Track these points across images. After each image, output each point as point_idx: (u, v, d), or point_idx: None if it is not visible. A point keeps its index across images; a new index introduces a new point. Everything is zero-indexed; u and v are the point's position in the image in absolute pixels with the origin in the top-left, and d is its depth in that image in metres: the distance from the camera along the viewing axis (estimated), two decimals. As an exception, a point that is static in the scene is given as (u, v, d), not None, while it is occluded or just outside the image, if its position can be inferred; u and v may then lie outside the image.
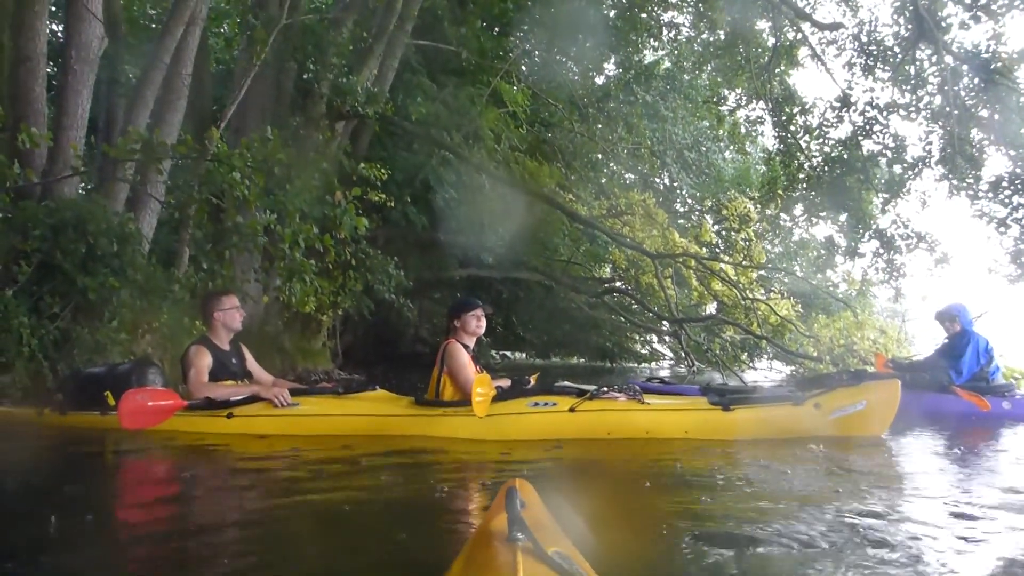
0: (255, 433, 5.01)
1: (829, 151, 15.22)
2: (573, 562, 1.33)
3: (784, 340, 14.21)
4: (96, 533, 2.59)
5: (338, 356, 14.68)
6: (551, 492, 2.02)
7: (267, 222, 6.63)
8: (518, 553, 1.21)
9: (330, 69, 11.69)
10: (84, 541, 2.48)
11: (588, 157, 18.98)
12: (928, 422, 6.33)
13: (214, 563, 2.25)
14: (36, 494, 3.32)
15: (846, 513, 2.86)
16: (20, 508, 3.00)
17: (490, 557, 1.30)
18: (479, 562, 1.34)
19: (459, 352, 5.28)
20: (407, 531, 2.62)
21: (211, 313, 5.57)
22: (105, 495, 3.50)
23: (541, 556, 1.22)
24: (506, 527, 1.33)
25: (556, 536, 1.50)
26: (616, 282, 20.66)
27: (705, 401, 5.19)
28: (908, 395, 5.47)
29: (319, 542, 2.59)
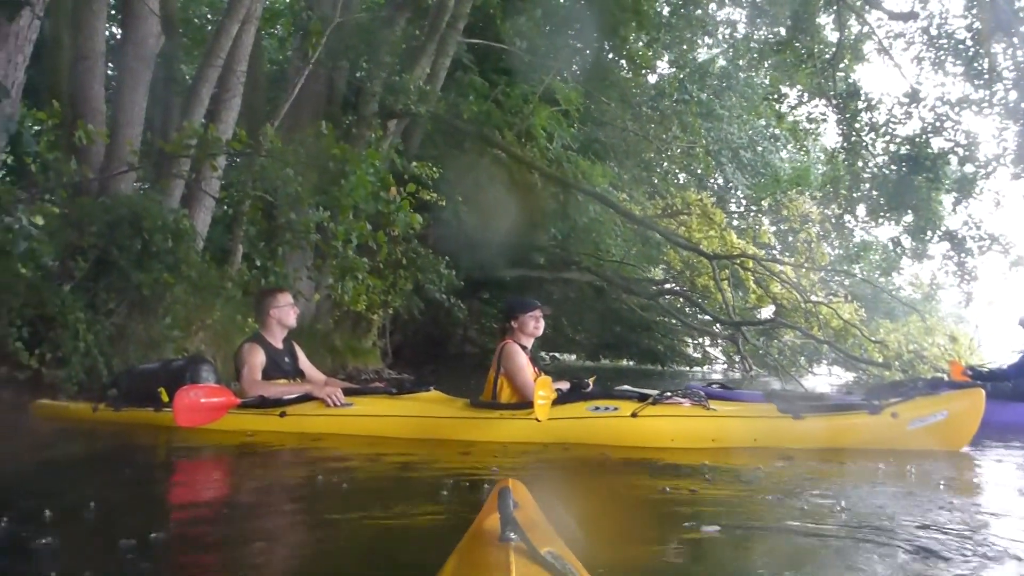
0: (307, 432, 4.91)
1: (896, 149, 14.67)
2: (566, 562, 1.32)
3: (847, 345, 13.78)
4: (145, 532, 2.49)
5: (388, 355, 14.66)
6: (544, 492, 2.00)
7: (320, 219, 6.56)
8: (511, 553, 1.21)
9: (382, 68, 11.66)
10: (131, 539, 2.39)
11: (641, 156, 18.68)
12: (1012, 435, 5.95)
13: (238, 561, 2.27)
14: (87, 490, 3.24)
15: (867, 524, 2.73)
16: (69, 503, 2.92)
17: (483, 557, 1.31)
18: (472, 562, 1.36)
19: (517, 353, 5.11)
20: (399, 530, 2.62)
21: (266, 310, 5.50)
22: (156, 493, 3.45)
23: (534, 556, 1.22)
24: (499, 527, 1.32)
25: (549, 536, 1.50)
26: (669, 283, 20.33)
27: (774, 408, 4.94)
28: (990, 405, 5.15)
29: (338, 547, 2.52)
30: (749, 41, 19.19)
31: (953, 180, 14.44)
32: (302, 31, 10.58)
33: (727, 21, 18.83)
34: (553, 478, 3.78)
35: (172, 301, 6.65)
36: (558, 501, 2.35)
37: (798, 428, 4.72)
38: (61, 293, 6.36)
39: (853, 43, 15.41)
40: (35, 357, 6.16)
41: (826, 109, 16.54)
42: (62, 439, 5.06)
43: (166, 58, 8.63)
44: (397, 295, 12.05)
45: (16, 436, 5.36)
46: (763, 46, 18.06)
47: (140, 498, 3.25)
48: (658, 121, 17.82)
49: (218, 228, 10.58)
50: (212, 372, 5.54)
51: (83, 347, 6.34)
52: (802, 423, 4.73)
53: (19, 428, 5.59)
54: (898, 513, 2.93)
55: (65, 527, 2.52)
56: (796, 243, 19.91)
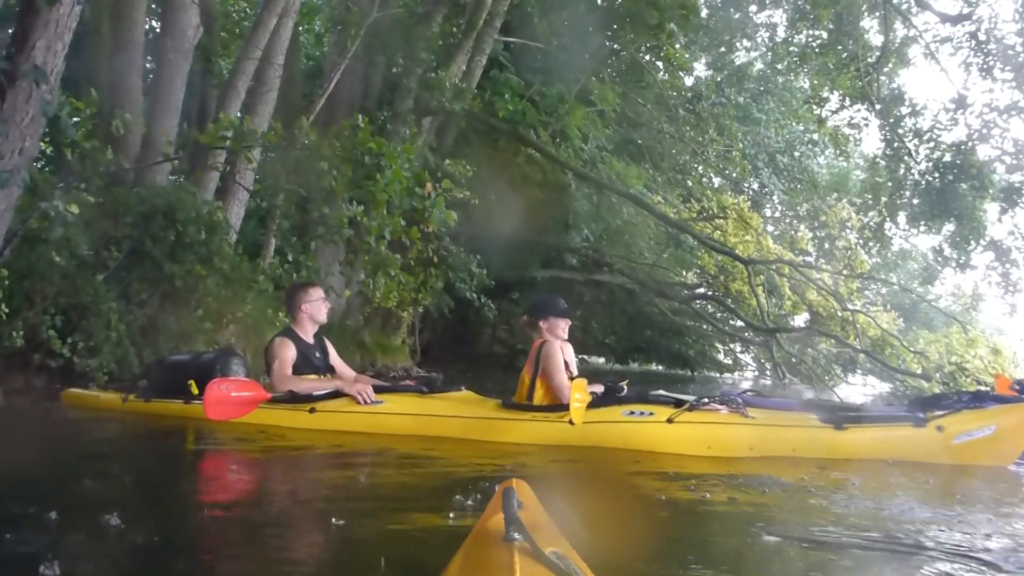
0: (336, 429, 4.84)
1: (940, 155, 14.32)
2: (570, 562, 1.31)
3: (884, 355, 13.45)
4: (167, 525, 2.55)
5: (416, 353, 14.60)
6: (548, 493, 1.96)
7: (353, 214, 6.50)
8: (515, 553, 1.20)
9: (418, 64, 11.60)
10: (154, 532, 2.43)
11: (676, 159, 18.47)
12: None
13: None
14: (113, 481, 3.28)
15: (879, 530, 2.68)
16: (95, 493, 2.94)
17: (487, 557, 1.31)
18: (476, 562, 1.35)
19: (556, 353, 5.00)
20: (403, 530, 2.62)
21: (298, 305, 5.44)
22: (181, 486, 3.42)
23: (538, 556, 1.21)
24: (503, 527, 1.31)
25: (553, 536, 1.49)
26: (701, 288, 20.05)
27: (814, 418, 4.77)
28: None
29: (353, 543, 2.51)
30: (789, 45, 18.88)
31: (999, 188, 14.06)
32: (340, 26, 10.55)
33: (767, 24, 18.52)
34: (571, 479, 3.76)
35: (204, 293, 6.62)
36: (564, 501, 2.35)
37: (839, 439, 4.56)
38: (95, 282, 6.37)
39: (898, 47, 15.07)
40: (67, 346, 6.17)
41: (868, 114, 16.20)
42: (90, 429, 5.05)
43: (203, 51, 8.62)
44: (427, 293, 11.98)
45: (45, 425, 5.38)
46: (804, 50, 17.74)
47: (164, 491, 3.22)
48: (694, 124, 17.59)
49: (251, 221, 10.59)
50: (242, 365, 5.51)
51: (115, 337, 6.34)
52: (844, 434, 4.56)
53: (48, 417, 5.62)
54: (937, 529, 2.83)
55: (84, 519, 2.50)
56: (833, 250, 19.53)
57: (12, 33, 4.36)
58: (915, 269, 21.59)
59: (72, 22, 4.39)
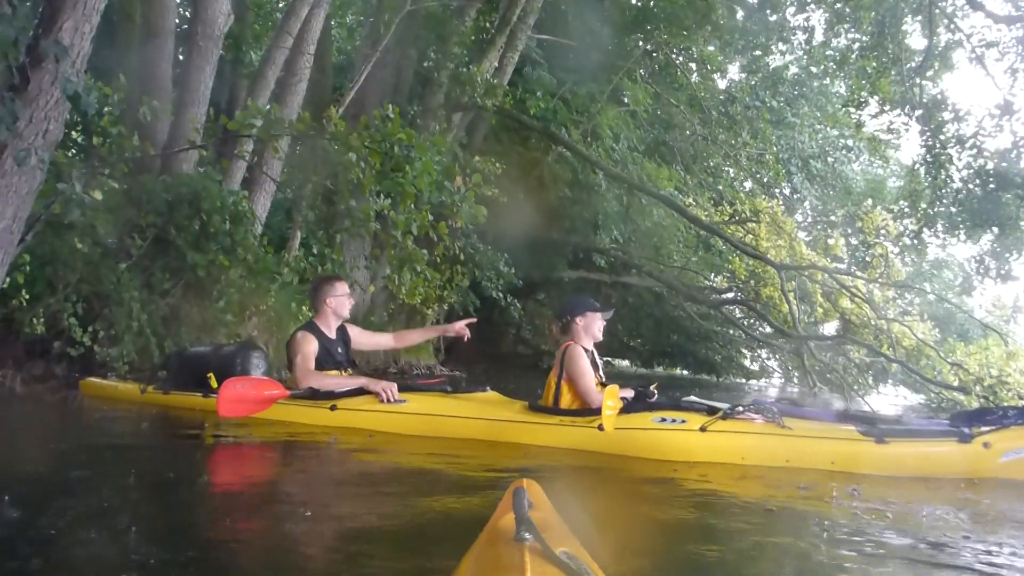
0: (358, 428, 4.72)
1: (983, 163, 13.92)
2: (581, 562, 1.31)
3: (920, 366, 13.11)
4: (180, 521, 2.54)
5: (440, 352, 14.49)
6: (559, 492, 1.97)
7: (381, 207, 6.35)
8: (526, 553, 1.21)
9: (451, 58, 11.47)
10: (165, 525, 2.44)
11: (708, 162, 18.21)
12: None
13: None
14: (126, 474, 3.17)
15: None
16: (106, 485, 2.89)
17: (498, 557, 1.31)
18: (487, 562, 1.35)
19: (581, 356, 4.84)
20: (414, 530, 2.61)
21: (323, 299, 5.31)
22: (196, 480, 3.33)
23: (549, 556, 1.22)
24: (514, 527, 1.31)
25: (564, 536, 1.49)
26: (730, 293, 19.75)
27: (853, 430, 4.55)
28: None
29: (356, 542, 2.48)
30: (826, 48, 18.51)
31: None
32: (372, 18, 10.45)
33: (804, 27, 18.11)
34: (587, 481, 3.72)
35: (227, 285, 6.50)
36: (576, 502, 2.33)
37: (880, 453, 4.34)
38: (117, 271, 6.29)
39: (943, 50, 14.65)
40: (88, 334, 6.10)
41: (908, 119, 15.75)
42: (106, 420, 4.98)
43: (235, 39, 8.54)
44: (453, 290, 11.86)
45: (62, 415, 5.32)
46: (842, 54, 17.36)
47: (177, 485, 3.17)
48: (728, 126, 17.32)
49: (279, 213, 10.52)
50: (263, 359, 5.40)
51: (136, 326, 6.26)
52: (885, 447, 4.34)
53: (66, 406, 5.57)
54: (978, 552, 2.66)
55: (94, 512, 2.46)
56: (867, 257, 19.12)
57: (40, 12, 4.24)
58: (950, 279, 21.11)
59: (100, 3, 4.27)
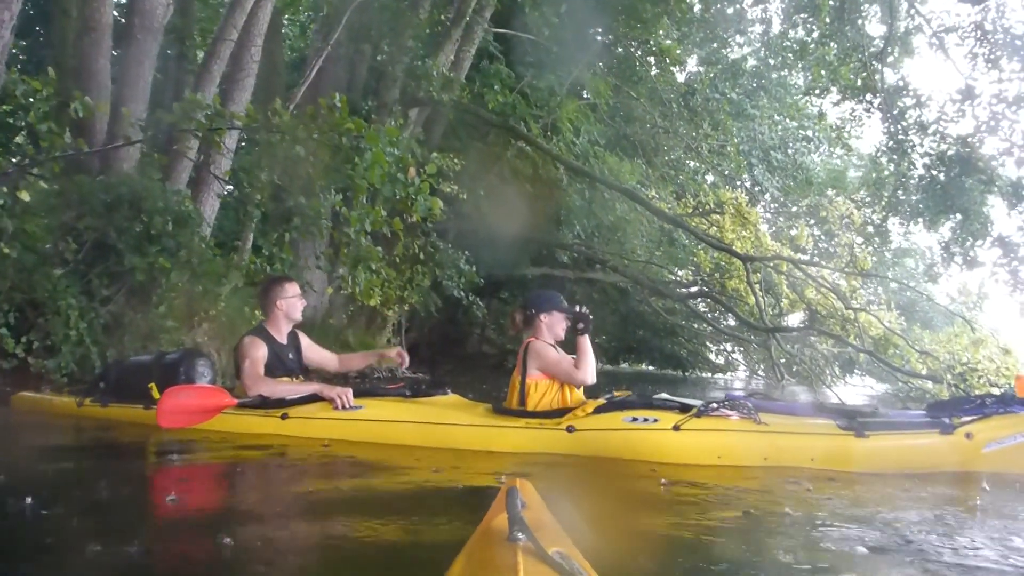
0: (312, 437, 4.45)
1: (946, 149, 13.90)
2: (574, 562, 1.32)
3: (887, 355, 13.07)
4: (118, 542, 2.28)
5: (403, 353, 14.13)
6: (552, 492, 1.98)
7: (332, 203, 6.03)
8: (519, 553, 1.21)
9: (405, 52, 11.14)
10: (102, 551, 2.19)
11: (669, 155, 18.10)
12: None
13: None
14: (58, 495, 2.92)
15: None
16: (32, 512, 2.61)
17: (491, 557, 1.31)
18: (480, 562, 1.35)
19: (546, 348, 4.62)
20: (407, 530, 2.59)
21: (272, 301, 5.01)
22: (137, 501, 3.10)
23: (542, 556, 1.23)
24: (507, 527, 1.32)
25: (557, 536, 1.49)
26: (696, 286, 19.68)
27: (832, 424, 4.38)
28: None
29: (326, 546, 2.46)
30: (783, 39, 18.51)
31: (1008, 183, 13.63)
32: (323, 12, 10.12)
33: (762, 19, 18.09)
34: (575, 481, 3.66)
35: (169, 289, 6.15)
36: (567, 502, 2.36)
37: (862, 448, 4.19)
38: (53, 277, 5.93)
39: (903, 35, 14.63)
40: (22, 345, 5.75)
41: (870, 106, 15.72)
42: (41, 436, 4.62)
43: (178, 33, 8.15)
44: (414, 291, 11.57)
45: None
46: (801, 44, 17.34)
47: (114, 505, 2.92)
48: (688, 119, 17.22)
49: (230, 214, 10.13)
50: (209, 367, 5.08)
51: (74, 336, 5.95)
52: (866, 442, 4.19)
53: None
54: (961, 547, 2.60)
55: (24, 544, 2.29)
56: (831, 247, 19.19)
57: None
58: (913, 267, 21.28)
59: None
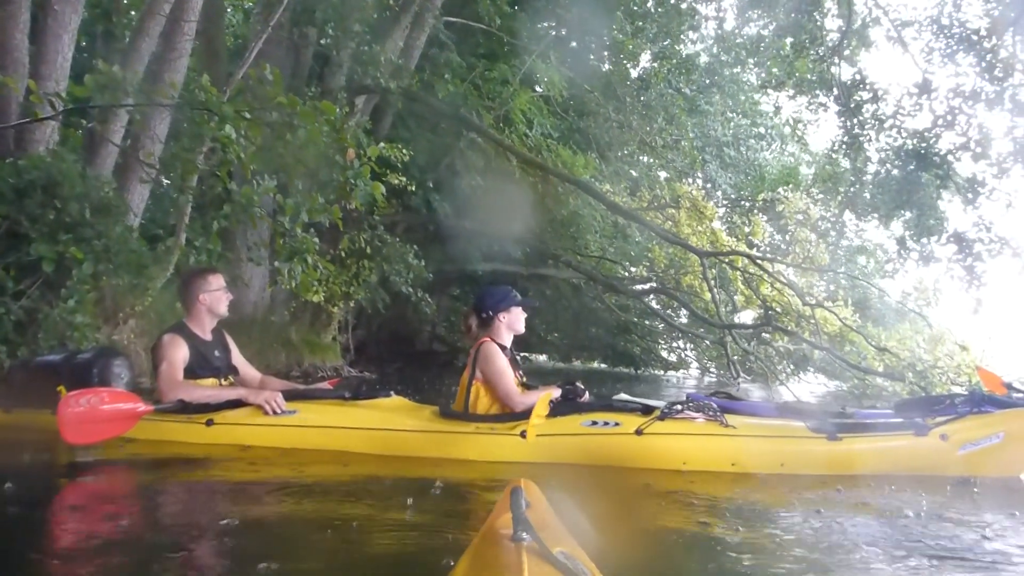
0: (240, 445, 4.09)
1: (902, 143, 13.87)
2: (578, 562, 1.32)
3: (844, 352, 13.01)
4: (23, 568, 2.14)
5: (349, 352, 13.78)
6: (556, 492, 1.95)
7: (267, 190, 5.57)
8: (523, 553, 1.21)
9: (351, 37, 10.66)
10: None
11: (623, 149, 17.92)
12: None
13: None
14: None
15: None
16: None
17: (495, 557, 1.31)
18: (484, 561, 1.35)
19: (497, 355, 4.28)
20: (412, 531, 2.58)
21: (194, 295, 4.55)
22: (40, 521, 2.77)
23: (546, 556, 1.22)
24: (511, 527, 1.31)
25: (561, 536, 1.50)
26: (650, 283, 19.52)
27: (803, 427, 4.15)
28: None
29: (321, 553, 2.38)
30: (737, 35, 18.46)
31: (964, 179, 13.66)
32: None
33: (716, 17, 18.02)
34: (558, 478, 3.57)
35: (79, 281, 5.62)
36: (571, 502, 2.30)
37: (833, 451, 4.03)
38: (-46, 270, 5.38)
39: (860, 28, 14.59)
40: (-81, 344, 5.19)
41: (827, 99, 15.67)
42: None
43: (104, 9, 7.58)
44: (360, 287, 11.13)
45: None
46: (754, 40, 17.28)
47: (17, 526, 2.65)
48: (643, 113, 17.05)
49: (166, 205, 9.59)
50: (126, 367, 4.61)
51: (-20, 334, 5.37)
52: (839, 445, 4.03)
53: None
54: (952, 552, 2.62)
55: None
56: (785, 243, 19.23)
57: None
58: (865, 264, 21.46)
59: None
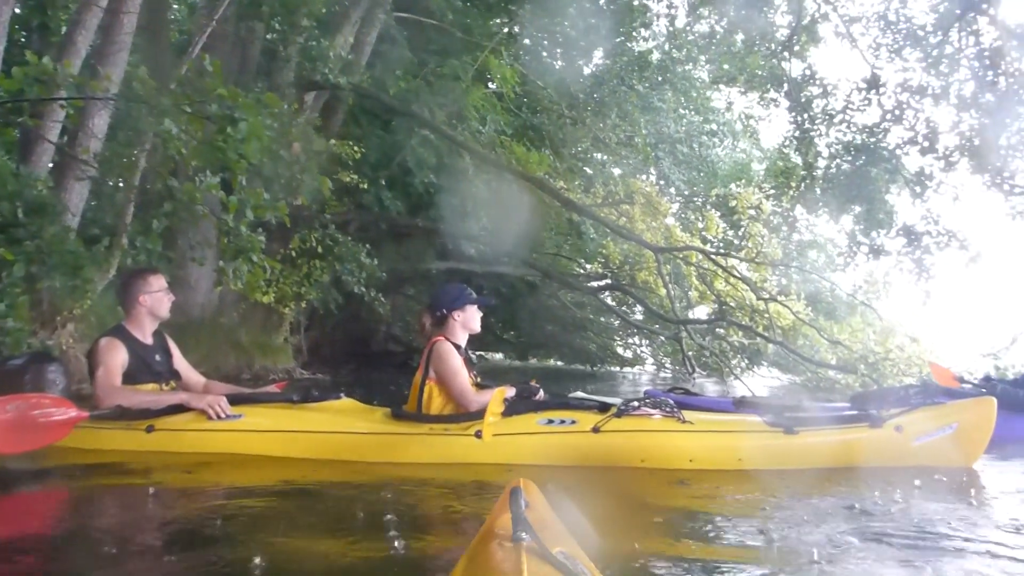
0: (183, 452, 3.93)
1: (852, 138, 14.06)
2: (577, 562, 1.32)
3: (797, 346, 13.14)
4: None
5: (302, 353, 13.54)
6: (555, 492, 1.97)
7: (209, 187, 5.36)
8: (522, 553, 1.21)
9: (299, 32, 10.43)
10: None
11: (577, 146, 17.91)
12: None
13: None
14: None
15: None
16: None
17: (494, 557, 1.31)
18: (483, 562, 1.34)
19: (451, 353, 4.17)
20: (412, 532, 2.55)
21: (134, 297, 4.35)
22: None
23: (545, 556, 1.23)
24: (510, 527, 1.32)
25: (560, 536, 1.49)
26: (606, 280, 19.54)
27: (760, 421, 4.16)
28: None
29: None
30: (688, 32, 18.57)
31: (912, 173, 13.88)
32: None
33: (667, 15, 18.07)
34: (557, 478, 3.42)
35: (10, 284, 5.37)
36: (571, 502, 2.30)
37: (791, 445, 4.02)
38: None
39: (809, 24, 14.73)
40: None
41: (778, 95, 15.81)
42: None
43: (38, 2, 7.28)
44: (312, 287, 10.92)
45: None
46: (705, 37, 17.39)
47: None
48: (596, 110, 17.04)
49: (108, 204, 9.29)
50: (61, 373, 4.39)
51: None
52: (795, 439, 4.02)
53: None
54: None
55: None
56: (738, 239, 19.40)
57: None
58: (817, 258, 21.81)
59: None
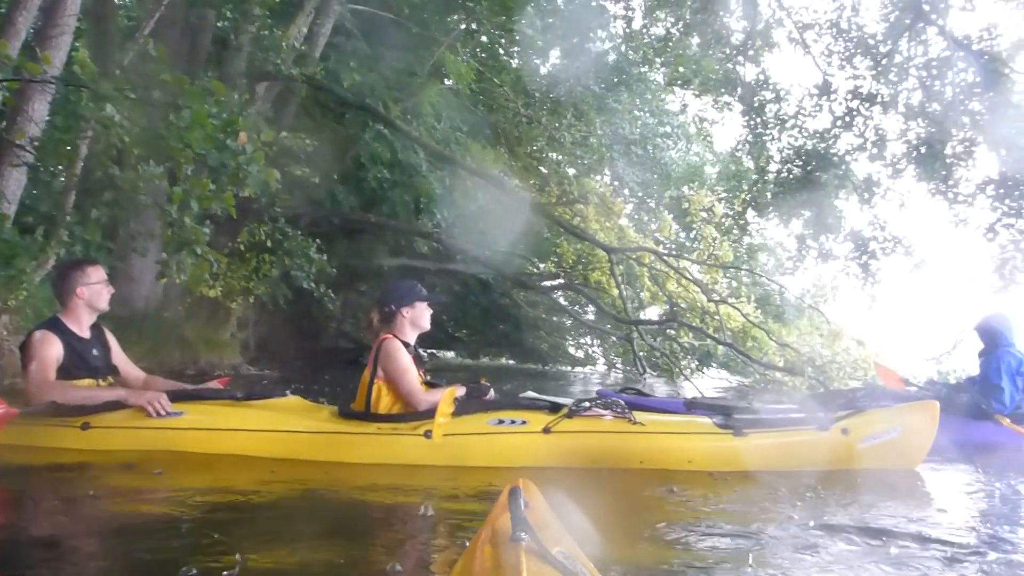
0: (121, 450, 3.79)
1: (803, 143, 14.30)
2: (577, 562, 1.32)
3: (746, 348, 13.31)
4: None
5: (249, 349, 13.29)
6: (554, 492, 1.94)
7: (152, 176, 5.18)
8: (522, 553, 1.21)
9: (251, 20, 10.22)
10: None
11: (533, 145, 17.92)
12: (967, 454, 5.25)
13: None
14: None
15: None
16: None
17: (494, 557, 1.30)
18: (483, 562, 1.34)
19: (400, 351, 4.10)
20: (411, 532, 2.59)
21: (71, 288, 4.18)
22: None
23: (545, 556, 1.22)
24: (510, 527, 1.32)
25: (560, 536, 1.49)
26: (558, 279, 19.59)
27: (710, 423, 4.19)
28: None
29: None
30: (645, 34, 18.69)
31: (860, 179, 14.15)
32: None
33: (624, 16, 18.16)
34: (556, 479, 3.44)
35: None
36: (570, 502, 2.26)
37: (740, 447, 4.07)
38: None
39: (763, 29, 14.93)
40: None
41: (731, 99, 16.01)
42: None
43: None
44: (260, 281, 10.73)
45: None
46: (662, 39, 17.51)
47: None
48: (552, 109, 17.07)
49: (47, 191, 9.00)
50: (-10, 367, 4.22)
51: None
52: (744, 441, 4.07)
53: None
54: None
55: None
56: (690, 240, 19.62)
57: None
58: (766, 261, 22.15)
59: None
